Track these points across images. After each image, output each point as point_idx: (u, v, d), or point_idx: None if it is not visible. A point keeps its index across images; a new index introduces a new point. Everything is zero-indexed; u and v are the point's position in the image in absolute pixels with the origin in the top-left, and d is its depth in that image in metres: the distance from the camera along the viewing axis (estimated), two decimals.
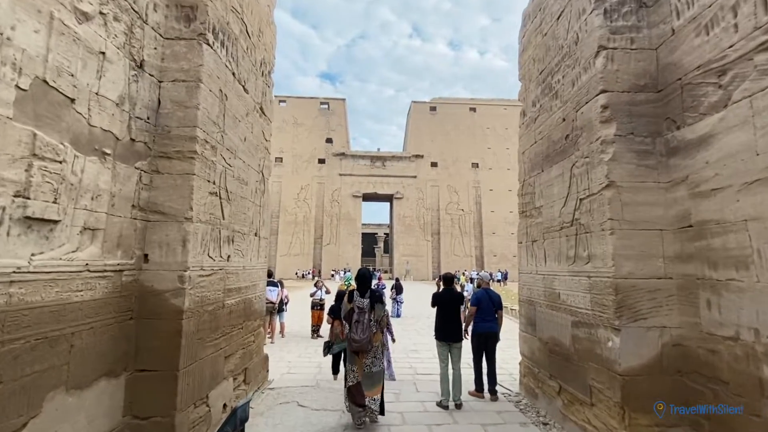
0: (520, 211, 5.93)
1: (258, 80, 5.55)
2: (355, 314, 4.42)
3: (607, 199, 3.76)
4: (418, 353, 8.96)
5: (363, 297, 4.51)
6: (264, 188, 5.86)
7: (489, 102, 58.12)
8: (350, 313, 4.47)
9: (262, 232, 5.75)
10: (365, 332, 4.30)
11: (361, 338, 4.27)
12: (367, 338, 4.29)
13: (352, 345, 4.33)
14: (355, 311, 4.44)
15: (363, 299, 4.48)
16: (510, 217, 52.57)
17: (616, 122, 3.84)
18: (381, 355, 4.49)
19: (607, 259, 3.73)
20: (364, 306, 4.43)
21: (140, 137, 3.57)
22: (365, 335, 4.29)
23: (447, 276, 5.54)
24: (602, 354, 3.80)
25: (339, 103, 56.31)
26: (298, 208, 51.50)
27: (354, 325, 4.37)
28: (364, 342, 4.27)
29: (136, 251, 3.54)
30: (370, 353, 4.35)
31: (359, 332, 4.30)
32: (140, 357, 3.50)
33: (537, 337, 5.31)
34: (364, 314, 4.38)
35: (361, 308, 4.43)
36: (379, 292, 4.69)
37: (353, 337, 4.32)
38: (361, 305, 4.44)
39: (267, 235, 5.98)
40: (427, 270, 50.07)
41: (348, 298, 4.56)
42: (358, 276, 4.71)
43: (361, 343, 4.27)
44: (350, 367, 4.43)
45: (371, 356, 4.36)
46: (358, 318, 4.38)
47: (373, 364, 4.37)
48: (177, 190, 3.69)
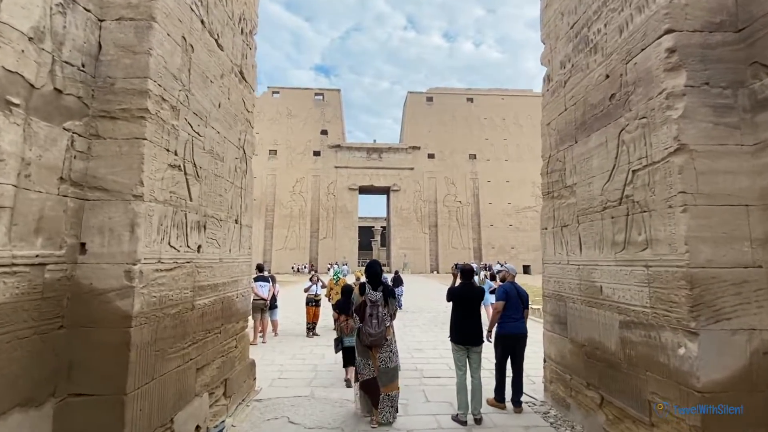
0: (545, 192, 5.11)
1: (236, 38, 4.66)
2: (368, 308, 4.31)
3: (677, 167, 2.94)
4: (422, 352, 8.18)
5: (375, 290, 4.40)
6: (246, 168, 4.99)
7: (486, 92, 57.16)
8: (362, 307, 4.35)
9: (244, 219, 4.90)
10: (380, 326, 4.24)
11: (377, 332, 4.21)
12: (383, 332, 4.23)
13: (368, 339, 4.23)
14: (367, 304, 4.33)
15: (375, 292, 4.38)
16: (508, 208, 51.90)
17: (686, 70, 3.02)
18: (396, 349, 4.43)
19: (678, 243, 2.92)
20: (377, 299, 4.34)
21: (72, 89, 2.71)
22: (380, 329, 4.23)
23: (466, 268, 4.72)
24: (669, 363, 3.00)
25: (334, 94, 55.14)
26: (294, 202, 50.52)
27: (368, 319, 4.27)
28: (380, 336, 4.21)
29: (68, 239, 2.69)
30: (385, 347, 4.29)
31: (374, 326, 4.23)
32: (75, 377, 2.67)
33: (568, 338, 4.52)
34: (378, 308, 4.30)
35: (374, 302, 4.33)
36: (391, 286, 4.58)
37: (369, 331, 4.23)
38: (374, 299, 4.34)
39: (251, 222, 5.12)
40: (425, 263, 49.42)
41: (360, 290, 4.46)
42: (369, 269, 4.56)
43: (377, 337, 4.21)
44: (364, 362, 4.32)
45: (387, 350, 4.30)
46: (371, 312, 4.29)
47: (389, 359, 4.31)
48: (123, 160, 2.83)
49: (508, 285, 4.87)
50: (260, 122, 52.66)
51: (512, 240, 51.46)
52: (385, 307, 4.35)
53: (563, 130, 4.71)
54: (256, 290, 8.40)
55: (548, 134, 5.10)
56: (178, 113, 3.32)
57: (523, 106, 55.96)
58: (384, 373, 4.27)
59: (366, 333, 4.25)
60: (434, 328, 10.72)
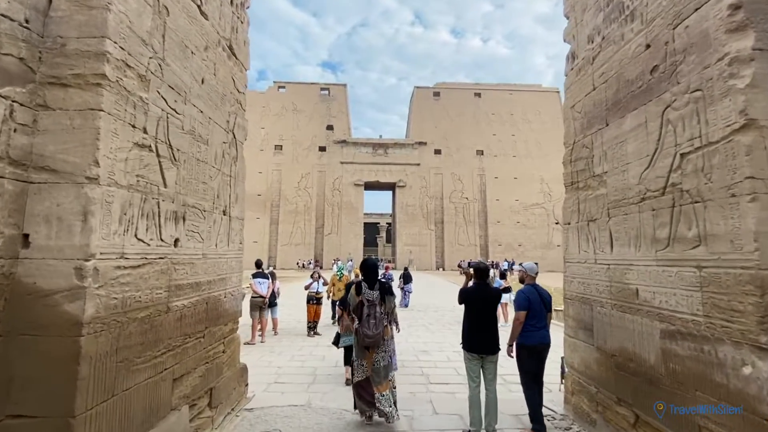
0: (568, 182, 4.58)
1: (224, 7, 4.17)
2: (365, 308, 4.13)
3: (744, 147, 2.42)
4: (429, 354, 7.71)
5: (372, 289, 4.20)
6: (236, 154, 4.52)
7: (494, 87, 56.30)
8: (359, 307, 4.17)
9: (234, 211, 4.43)
10: (378, 327, 4.05)
11: (375, 333, 4.02)
12: (380, 333, 4.05)
13: (365, 340, 4.06)
14: (364, 304, 4.14)
15: (372, 291, 4.19)
16: (516, 205, 51.15)
17: (754, 30, 2.48)
18: (389, 348, 4.26)
19: (743, 239, 2.41)
20: (374, 298, 4.15)
21: (11, 48, 2.24)
22: (378, 330, 4.04)
23: (480, 266, 4.20)
24: (728, 384, 2.50)
25: (340, 89, 54.61)
26: (299, 197, 50.19)
27: (365, 320, 4.09)
28: (377, 337, 4.03)
29: (7, 229, 2.23)
30: (381, 348, 4.12)
31: (372, 327, 4.05)
32: (15, 395, 2.21)
33: (595, 347, 4.01)
34: (375, 307, 4.12)
35: (370, 301, 4.14)
36: (388, 284, 4.38)
37: (366, 333, 4.04)
38: (370, 298, 4.15)
39: (242, 215, 4.65)
40: (431, 260, 48.92)
41: (356, 290, 4.24)
42: (365, 267, 4.35)
43: (375, 339, 4.03)
44: (359, 362, 4.19)
45: (382, 351, 4.13)
46: (369, 311, 4.11)
47: (382, 358, 4.13)
48: (75, 135, 2.37)
49: (529, 289, 4.27)
50: (266, 117, 52.31)
51: (519, 237, 50.76)
52: (382, 306, 4.16)
53: (591, 112, 4.17)
54: (254, 287, 7.97)
55: (572, 118, 4.57)
56: (148, 84, 2.85)
57: (531, 101, 55.05)
58: (376, 372, 4.11)
59: (363, 334, 4.07)
60: (441, 329, 10.24)
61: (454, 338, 8.77)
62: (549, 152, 53.04)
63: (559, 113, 55.76)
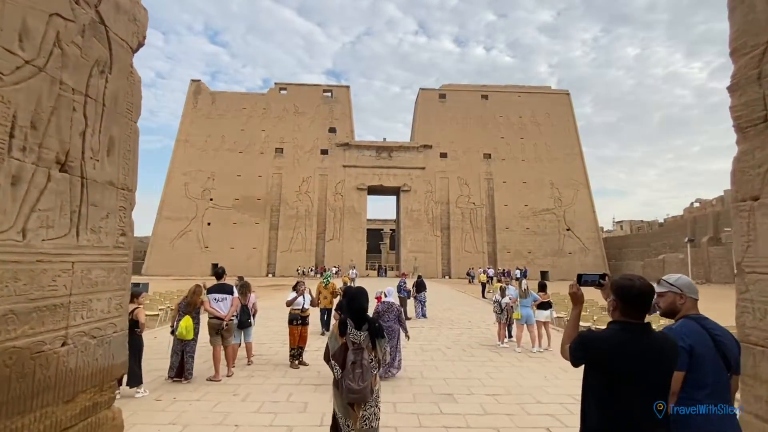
0: (745, 121, 2.41)
1: None
2: (349, 352, 3.13)
3: None
4: (455, 402, 5.46)
5: (359, 329, 3.16)
6: (109, 58, 2.39)
7: (502, 89, 54.37)
8: (342, 351, 3.16)
9: (101, 170, 2.31)
10: (365, 378, 3.08)
11: (361, 387, 3.05)
12: (368, 386, 3.08)
13: (349, 396, 3.05)
14: (348, 348, 3.14)
15: (359, 332, 3.15)
16: (525, 211, 48.88)
17: None
18: (379, 403, 3.27)
19: None
20: (361, 341, 3.13)
21: None
22: (365, 383, 3.07)
23: (636, 286, 1.78)
24: None
25: (343, 91, 52.85)
26: (300, 202, 48.21)
27: (350, 368, 3.08)
28: (365, 392, 3.06)
29: None
30: (370, 403, 3.14)
31: (357, 379, 3.06)
32: None
33: None
34: (362, 353, 3.13)
35: (356, 344, 3.13)
36: (379, 323, 3.27)
37: (350, 386, 3.04)
38: (356, 340, 3.14)
39: (127, 182, 2.53)
40: (436, 267, 46.65)
41: (339, 330, 3.23)
42: (353, 302, 3.24)
43: (361, 394, 3.06)
44: (343, 421, 3.17)
45: (371, 407, 3.15)
46: (354, 358, 3.10)
47: (374, 416, 3.17)
48: None
49: (691, 328, 2.04)
50: (266, 119, 50.54)
51: (529, 244, 48.45)
52: (372, 353, 3.20)
53: None
54: (208, 306, 5.81)
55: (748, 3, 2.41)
56: None
57: (540, 103, 53.01)
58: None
59: (347, 388, 3.07)
60: (462, 355, 8.02)
61: (481, 370, 6.56)
62: (559, 156, 50.89)
63: (569, 116, 53.71)
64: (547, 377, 6.34)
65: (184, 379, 5.64)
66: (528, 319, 8.11)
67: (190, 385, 5.58)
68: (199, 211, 46.42)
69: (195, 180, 47.18)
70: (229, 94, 51.96)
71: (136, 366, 5.04)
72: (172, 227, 45.53)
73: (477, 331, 10.65)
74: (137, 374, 5.00)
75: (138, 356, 5.05)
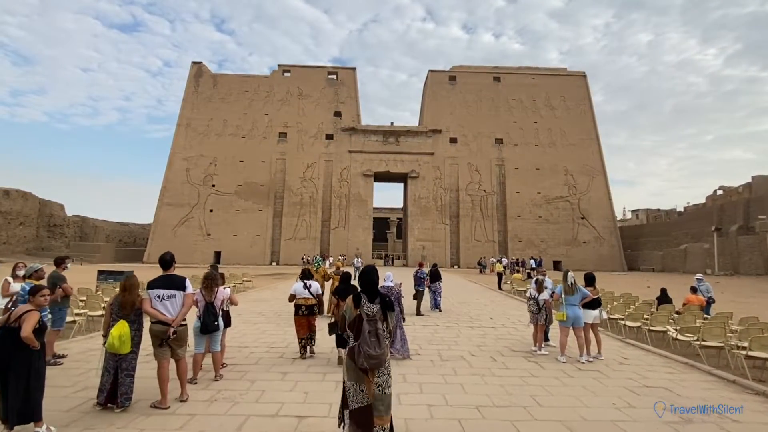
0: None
1: None
2: (364, 323, 3.37)
3: None
4: None
5: (372, 303, 3.44)
6: None
7: (515, 71, 51.95)
8: (357, 322, 3.40)
9: None
10: (381, 345, 3.33)
11: (379, 353, 3.29)
12: (385, 352, 3.35)
13: (368, 361, 3.26)
14: (363, 319, 3.38)
15: (372, 305, 3.43)
16: (538, 198, 46.92)
17: None
18: (390, 372, 3.48)
19: None
20: (374, 313, 3.40)
21: None
22: (382, 349, 3.32)
23: None
24: None
25: (348, 73, 50.80)
26: (304, 188, 46.65)
27: (366, 337, 3.32)
28: (382, 357, 3.32)
29: None
30: (382, 370, 3.37)
31: (374, 346, 3.30)
32: None
33: None
34: (376, 323, 3.39)
35: (370, 316, 3.39)
36: (389, 298, 3.58)
37: (369, 353, 3.26)
38: (370, 312, 3.40)
39: None
40: (445, 256, 44.99)
41: (354, 303, 3.47)
42: (365, 276, 3.57)
43: (379, 358, 3.29)
44: (356, 386, 3.33)
45: (384, 374, 3.38)
46: (369, 328, 3.36)
47: (386, 383, 3.38)
48: None
49: None
50: (269, 103, 48.76)
51: (542, 233, 46.55)
52: (384, 323, 3.42)
53: None
54: (147, 307, 4.18)
55: None
56: None
57: (555, 86, 50.57)
58: (380, 400, 3.34)
59: (365, 354, 3.26)
60: (494, 366, 6.36)
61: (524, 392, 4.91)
62: (574, 141, 48.62)
63: (585, 99, 51.25)
64: (617, 404, 4.67)
65: (116, 405, 4.07)
66: (576, 321, 6.43)
67: (124, 415, 4.00)
68: (201, 197, 45.09)
69: (197, 166, 45.76)
70: (231, 77, 50.17)
71: (38, 393, 3.47)
72: (174, 214, 44.30)
73: (503, 331, 9.00)
74: (31, 405, 3.41)
75: (36, 378, 3.46)
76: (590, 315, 6.64)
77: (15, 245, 39.28)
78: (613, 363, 6.47)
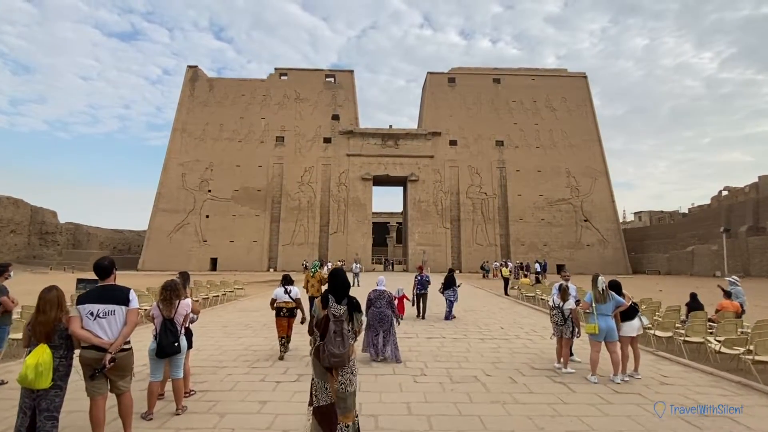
0: None
1: None
2: (331, 323, 3.40)
3: None
4: None
5: (339, 303, 3.47)
6: None
7: (515, 72, 51.23)
8: (324, 322, 3.44)
9: None
10: (345, 345, 3.38)
11: (341, 352, 3.35)
12: (347, 352, 3.39)
13: (331, 360, 3.35)
14: (330, 319, 3.41)
15: (339, 306, 3.47)
16: (540, 201, 45.98)
17: None
18: (356, 371, 3.57)
19: None
20: (341, 314, 3.43)
21: None
22: (345, 348, 3.38)
23: None
24: None
25: (346, 76, 50.05)
26: (302, 193, 45.68)
27: (332, 336, 3.37)
28: (344, 357, 3.36)
29: None
30: (346, 370, 3.42)
31: (338, 345, 3.36)
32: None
33: None
34: (342, 323, 3.43)
35: (337, 316, 3.42)
36: (356, 300, 3.56)
37: (332, 351, 3.33)
38: (336, 313, 3.43)
39: None
40: (446, 261, 43.90)
41: (322, 303, 3.51)
42: (334, 277, 3.57)
43: (341, 358, 3.35)
44: (321, 385, 3.41)
45: (347, 373, 3.43)
46: (335, 328, 3.40)
47: (349, 382, 3.44)
48: None
49: None
50: (266, 106, 47.91)
51: (544, 236, 45.55)
52: (349, 323, 3.48)
53: None
54: (76, 328, 3.21)
55: None
56: None
57: (556, 87, 49.81)
58: (342, 398, 3.38)
59: (329, 353, 3.33)
60: (514, 390, 5.39)
61: (558, 427, 3.92)
62: (576, 142, 47.77)
63: (586, 100, 50.48)
64: None
65: None
66: (610, 334, 5.46)
67: None
68: (197, 203, 44.11)
69: (192, 171, 44.84)
70: (228, 81, 49.39)
71: None
72: (169, 220, 43.30)
73: (518, 344, 8.02)
74: None
75: None
76: (632, 327, 5.67)
77: (6, 253, 38.24)
78: (652, 383, 5.50)
